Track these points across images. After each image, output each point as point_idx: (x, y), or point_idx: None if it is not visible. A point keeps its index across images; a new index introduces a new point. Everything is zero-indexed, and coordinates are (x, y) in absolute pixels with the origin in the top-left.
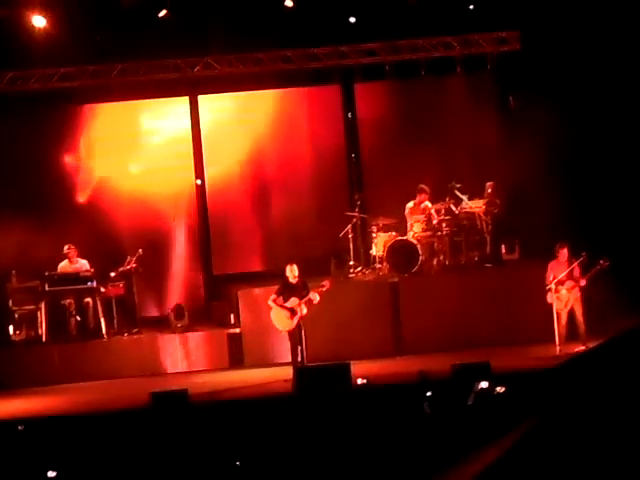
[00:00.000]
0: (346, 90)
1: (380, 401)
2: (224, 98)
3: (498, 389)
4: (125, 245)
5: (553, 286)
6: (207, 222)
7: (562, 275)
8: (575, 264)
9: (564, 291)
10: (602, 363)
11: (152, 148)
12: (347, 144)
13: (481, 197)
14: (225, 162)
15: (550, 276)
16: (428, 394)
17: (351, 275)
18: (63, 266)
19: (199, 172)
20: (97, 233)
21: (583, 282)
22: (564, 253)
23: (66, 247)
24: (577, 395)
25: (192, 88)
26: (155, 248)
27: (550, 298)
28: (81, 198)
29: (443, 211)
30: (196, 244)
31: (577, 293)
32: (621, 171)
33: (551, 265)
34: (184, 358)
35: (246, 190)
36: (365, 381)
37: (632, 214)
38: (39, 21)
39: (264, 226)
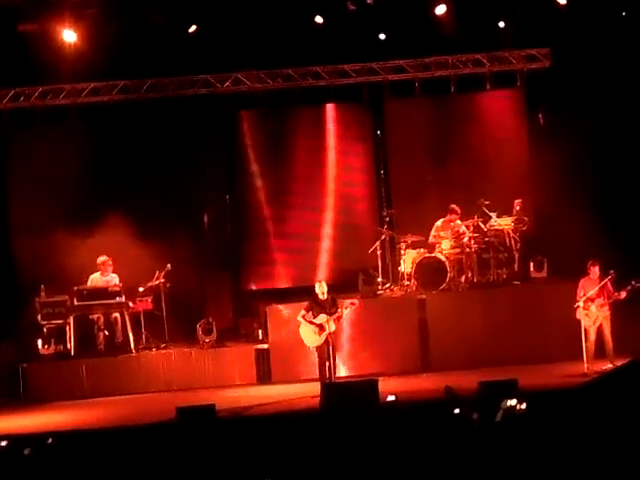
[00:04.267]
0: (375, 107)
1: (407, 417)
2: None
3: (520, 406)
4: (153, 260)
5: (582, 303)
6: (234, 238)
7: (592, 292)
8: (606, 280)
9: (594, 308)
10: (629, 381)
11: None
12: (376, 161)
13: (510, 214)
14: (254, 177)
15: (580, 292)
16: (456, 411)
17: (379, 292)
18: (94, 278)
19: (229, 187)
20: (125, 248)
21: (623, 294)
22: (595, 270)
23: (102, 258)
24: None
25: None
26: (183, 263)
27: (579, 314)
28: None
29: (472, 228)
30: (224, 260)
31: (607, 311)
32: None
33: (582, 282)
34: (212, 373)
35: (274, 206)
36: (394, 398)
37: None
38: (69, 36)
39: (292, 242)
